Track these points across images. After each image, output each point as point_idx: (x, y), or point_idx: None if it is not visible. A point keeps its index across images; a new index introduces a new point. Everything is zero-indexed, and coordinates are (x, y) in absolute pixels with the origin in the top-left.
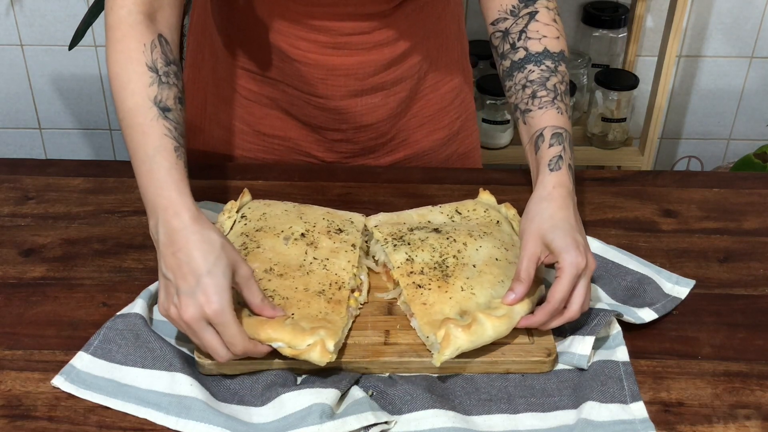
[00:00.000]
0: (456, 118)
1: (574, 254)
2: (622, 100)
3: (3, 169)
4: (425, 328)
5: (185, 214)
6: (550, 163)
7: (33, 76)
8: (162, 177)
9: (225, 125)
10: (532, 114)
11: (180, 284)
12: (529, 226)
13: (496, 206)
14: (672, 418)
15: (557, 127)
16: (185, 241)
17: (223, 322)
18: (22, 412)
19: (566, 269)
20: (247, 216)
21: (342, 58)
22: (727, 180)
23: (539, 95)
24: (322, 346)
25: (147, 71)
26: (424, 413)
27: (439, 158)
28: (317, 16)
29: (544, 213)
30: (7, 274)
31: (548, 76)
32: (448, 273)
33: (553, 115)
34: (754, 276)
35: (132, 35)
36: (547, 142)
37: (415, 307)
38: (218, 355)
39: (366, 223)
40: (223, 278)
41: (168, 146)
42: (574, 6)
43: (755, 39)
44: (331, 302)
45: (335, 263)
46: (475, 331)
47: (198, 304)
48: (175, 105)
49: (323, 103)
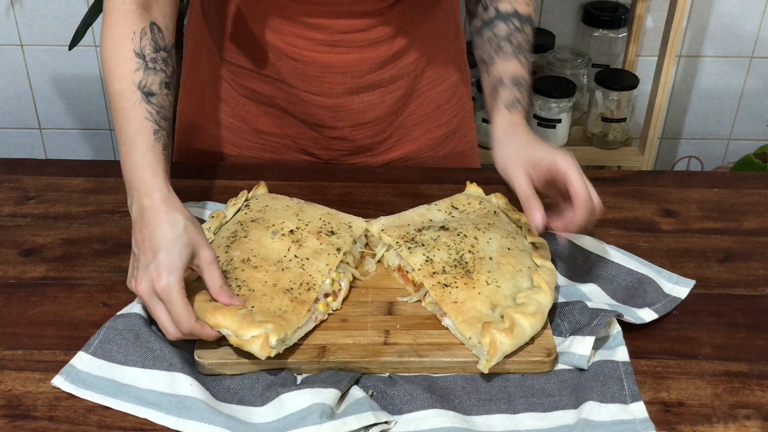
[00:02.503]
0: (453, 116)
1: (565, 155)
2: (622, 100)
3: (3, 169)
4: (463, 327)
5: (156, 195)
6: (507, 104)
7: (33, 76)
8: (138, 158)
9: (223, 123)
10: (495, 64)
11: (140, 258)
12: (510, 163)
13: (487, 197)
14: (672, 418)
15: (518, 75)
16: (151, 219)
17: (169, 298)
18: (22, 412)
19: (569, 168)
20: (250, 206)
21: (338, 55)
22: (727, 180)
23: (504, 48)
24: (265, 339)
25: (134, 57)
26: (424, 413)
27: (437, 156)
28: (313, 14)
29: (513, 146)
30: (7, 274)
31: (514, 33)
32: (470, 269)
33: (515, 65)
34: (754, 276)
35: (123, 22)
36: (506, 87)
37: (447, 306)
38: (166, 331)
39: (369, 228)
40: (178, 258)
41: (147, 129)
42: (574, 6)
43: (755, 39)
44: (295, 301)
45: (313, 264)
46: (517, 333)
47: (150, 278)
48: (160, 90)
49: (320, 100)
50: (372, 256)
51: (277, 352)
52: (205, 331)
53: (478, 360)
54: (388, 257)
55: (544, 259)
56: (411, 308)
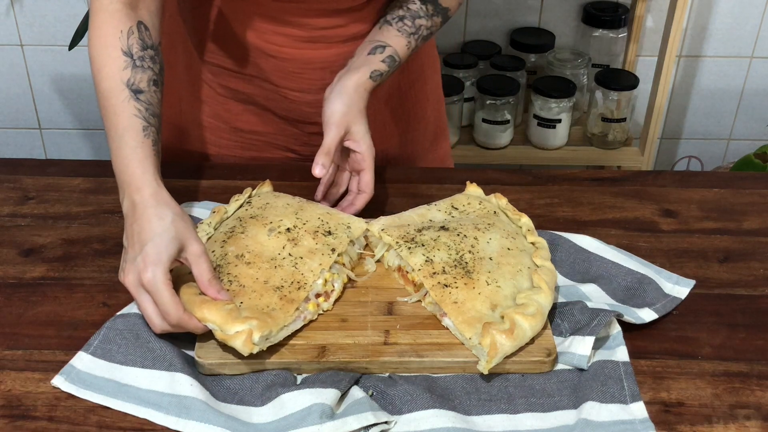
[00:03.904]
0: (430, 111)
1: (372, 146)
2: (622, 100)
3: (3, 169)
4: (463, 328)
5: (146, 190)
6: (373, 72)
7: (33, 76)
8: (128, 155)
9: (201, 123)
10: (390, 30)
11: (129, 251)
12: (337, 120)
13: (487, 197)
14: (672, 418)
15: (398, 54)
16: (141, 214)
17: (155, 290)
18: (22, 412)
19: (371, 158)
20: (252, 203)
21: (317, 51)
22: (727, 180)
23: (405, 22)
24: (248, 335)
25: (122, 56)
26: (424, 413)
27: (416, 152)
28: (292, 12)
29: (348, 108)
30: (7, 274)
31: (422, 16)
32: (469, 269)
33: (402, 43)
34: (754, 276)
35: (110, 22)
36: (384, 56)
37: (447, 306)
38: (153, 324)
39: (369, 227)
40: (164, 250)
41: (136, 126)
42: (574, 6)
43: (755, 39)
44: (284, 300)
45: (307, 263)
46: (517, 335)
47: (137, 270)
48: (148, 87)
49: (300, 96)
50: (371, 257)
51: (260, 349)
52: (192, 323)
53: (478, 360)
54: (388, 257)
55: (544, 259)
56: (411, 308)
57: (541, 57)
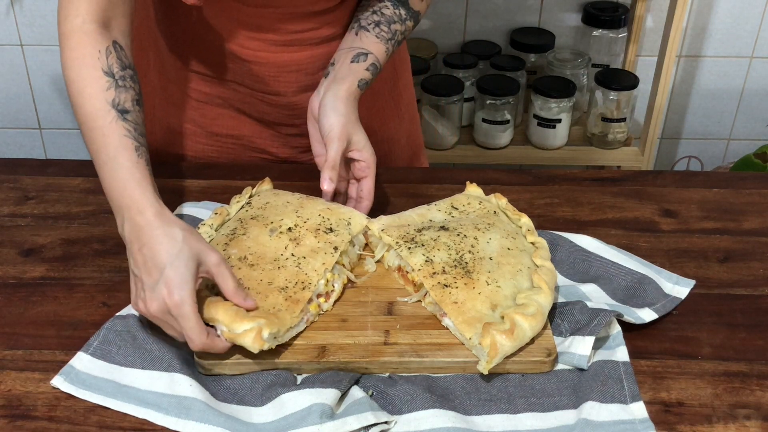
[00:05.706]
0: (403, 109)
1: (373, 152)
2: (622, 100)
3: (3, 169)
4: (463, 328)
5: (148, 211)
6: (360, 81)
7: (33, 76)
8: (124, 176)
9: (174, 129)
10: (368, 36)
11: (145, 279)
12: (338, 133)
13: (487, 197)
14: (672, 418)
15: (378, 61)
16: (149, 237)
17: (182, 314)
18: (22, 412)
19: (373, 165)
20: (252, 203)
21: (292, 54)
22: (727, 180)
23: (382, 28)
24: (257, 333)
25: (103, 76)
26: (424, 413)
27: (392, 152)
28: (266, 17)
29: (346, 120)
30: (7, 274)
31: (396, 21)
32: (469, 269)
33: (382, 49)
34: (754, 276)
35: (87, 42)
36: (367, 64)
37: (447, 306)
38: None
39: (369, 226)
40: (185, 270)
41: (128, 146)
42: (574, 6)
43: (755, 39)
44: (289, 300)
45: (310, 263)
46: (517, 335)
47: (161, 297)
48: (132, 107)
49: (276, 99)
50: (371, 257)
51: (270, 347)
52: (215, 344)
53: (478, 360)
54: (388, 258)
55: (544, 259)
56: (411, 308)
57: (541, 57)
